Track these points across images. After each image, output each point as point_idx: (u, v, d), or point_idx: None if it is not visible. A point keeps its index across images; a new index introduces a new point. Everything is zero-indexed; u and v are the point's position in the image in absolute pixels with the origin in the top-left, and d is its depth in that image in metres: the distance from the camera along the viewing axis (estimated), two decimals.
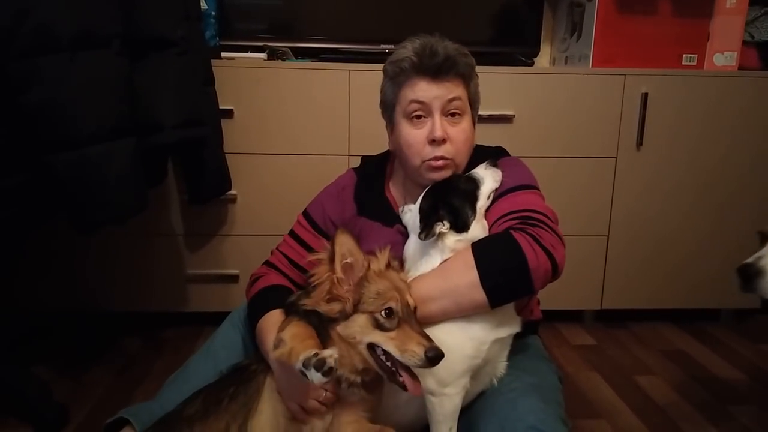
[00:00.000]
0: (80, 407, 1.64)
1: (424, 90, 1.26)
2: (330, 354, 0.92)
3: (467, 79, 1.30)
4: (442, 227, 1.17)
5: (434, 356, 0.97)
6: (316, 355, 0.92)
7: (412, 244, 1.25)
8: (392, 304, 1.02)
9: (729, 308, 2.34)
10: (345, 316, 1.03)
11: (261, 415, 1.09)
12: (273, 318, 1.19)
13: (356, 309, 1.03)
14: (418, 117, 1.28)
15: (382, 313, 1.01)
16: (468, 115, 1.31)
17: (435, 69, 1.25)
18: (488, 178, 1.24)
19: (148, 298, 2.14)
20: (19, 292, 2.10)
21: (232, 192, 2.06)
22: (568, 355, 2.05)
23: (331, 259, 1.05)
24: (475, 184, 1.24)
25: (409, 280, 1.17)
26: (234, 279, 2.13)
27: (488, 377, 1.20)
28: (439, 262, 1.18)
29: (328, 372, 0.91)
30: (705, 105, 2.13)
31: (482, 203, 1.23)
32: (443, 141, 1.26)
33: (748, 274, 1.13)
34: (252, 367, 1.16)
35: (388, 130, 1.40)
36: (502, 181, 1.26)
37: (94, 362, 1.92)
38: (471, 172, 1.27)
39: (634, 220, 2.19)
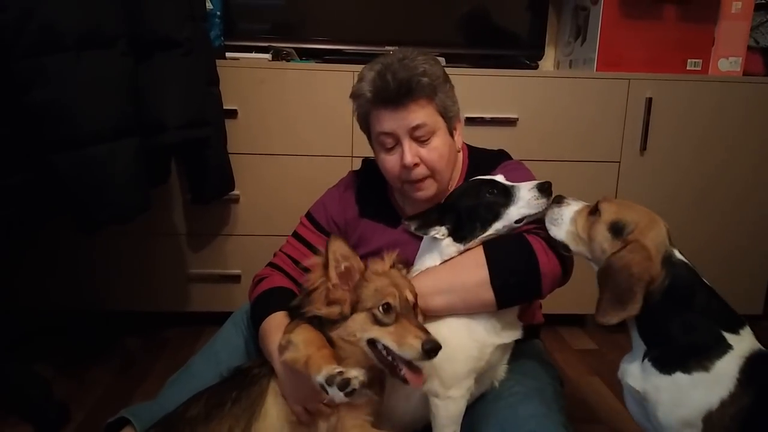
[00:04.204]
0: (81, 406, 1.64)
1: (387, 121, 1.25)
2: (356, 375, 0.92)
3: (431, 96, 1.25)
4: (437, 233, 1.17)
5: (431, 348, 0.97)
6: (341, 373, 0.92)
7: (425, 239, 1.25)
8: (390, 300, 1.03)
9: None
10: (344, 318, 1.04)
11: (265, 419, 1.09)
12: (277, 320, 1.18)
13: (355, 309, 1.04)
14: (390, 146, 1.28)
15: (380, 308, 1.02)
16: (440, 130, 1.28)
17: (392, 98, 1.22)
18: (524, 201, 1.12)
19: (150, 297, 2.14)
20: (22, 291, 2.10)
21: (235, 192, 2.06)
22: (569, 359, 2.05)
23: (325, 266, 1.07)
24: (506, 200, 1.14)
25: (415, 274, 1.18)
26: (236, 279, 2.12)
27: (489, 380, 1.21)
28: (438, 263, 1.18)
29: (350, 393, 0.92)
30: (709, 110, 2.12)
31: (502, 225, 1.14)
32: (415, 165, 1.26)
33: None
34: (255, 370, 1.16)
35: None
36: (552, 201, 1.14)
37: (95, 361, 1.92)
38: (515, 185, 1.16)
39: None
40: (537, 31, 2.41)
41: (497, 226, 1.15)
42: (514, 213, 1.13)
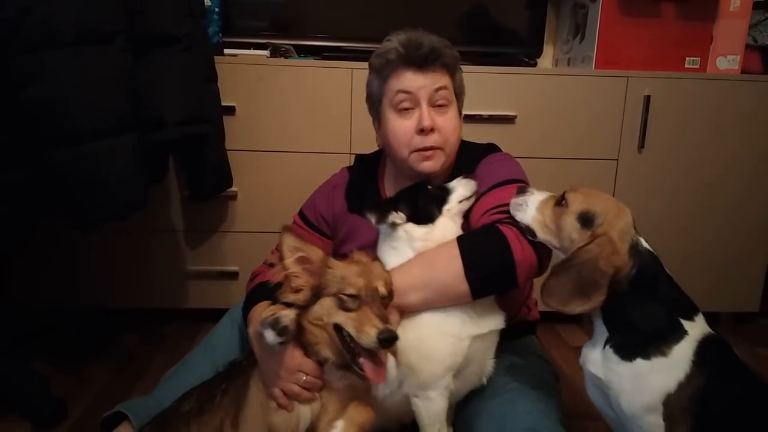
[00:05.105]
0: (79, 402, 1.64)
1: (410, 80, 1.27)
2: (286, 314, 0.94)
3: (452, 70, 1.32)
4: (396, 217, 1.17)
5: (385, 338, 0.97)
6: (273, 314, 0.95)
7: (380, 239, 1.25)
8: (352, 288, 1.03)
9: (728, 311, 2.34)
10: (309, 303, 1.05)
11: (250, 407, 1.09)
12: (261, 308, 1.18)
13: (320, 294, 1.04)
14: (406, 108, 1.29)
15: (345, 294, 1.03)
16: (454, 104, 1.33)
17: (421, 59, 1.26)
18: (460, 187, 1.24)
19: (148, 294, 2.14)
20: (19, 288, 2.10)
21: (233, 189, 2.06)
22: (566, 355, 2.05)
23: (281, 258, 1.07)
24: (445, 191, 1.24)
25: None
26: (233, 276, 2.13)
27: (476, 377, 1.19)
28: (411, 254, 1.17)
29: (282, 331, 0.93)
30: (707, 108, 2.12)
31: (451, 206, 1.22)
32: (431, 130, 1.27)
33: None
34: (243, 362, 1.17)
35: (375, 125, 1.42)
36: (479, 184, 1.25)
37: (93, 358, 1.92)
38: (445, 184, 1.26)
39: (635, 222, 2.19)
40: (536, 29, 2.41)
41: (447, 207, 1.21)
42: (455, 196, 1.22)
